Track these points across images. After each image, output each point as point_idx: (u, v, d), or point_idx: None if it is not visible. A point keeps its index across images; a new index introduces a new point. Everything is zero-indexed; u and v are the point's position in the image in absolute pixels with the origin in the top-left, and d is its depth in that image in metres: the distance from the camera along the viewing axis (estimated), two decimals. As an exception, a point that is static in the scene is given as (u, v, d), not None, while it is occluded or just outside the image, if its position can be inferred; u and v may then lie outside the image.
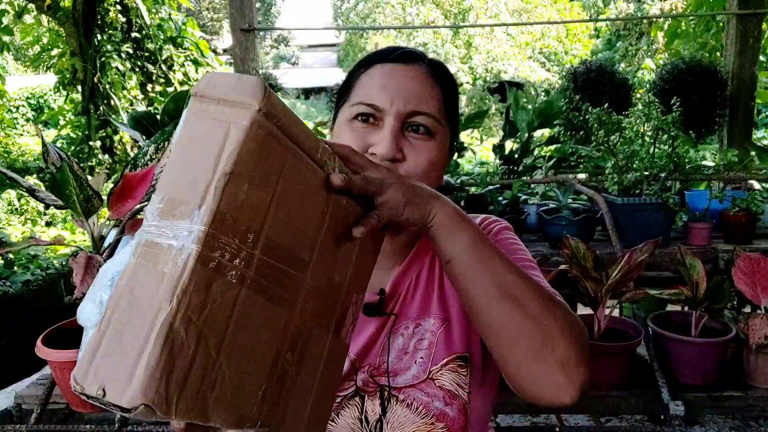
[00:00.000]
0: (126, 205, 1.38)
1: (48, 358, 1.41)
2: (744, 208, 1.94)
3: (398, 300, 0.85)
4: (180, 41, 6.91)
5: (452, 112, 0.82)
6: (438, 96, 0.78)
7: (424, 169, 0.76)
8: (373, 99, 0.76)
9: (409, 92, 0.76)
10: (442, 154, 0.79)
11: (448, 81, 0.82)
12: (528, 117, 2.95)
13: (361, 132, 0.76)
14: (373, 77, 0.78)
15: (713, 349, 1.44)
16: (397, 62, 0.78)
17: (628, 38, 13.20)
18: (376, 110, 0.76)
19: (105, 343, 0.39)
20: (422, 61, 0.80)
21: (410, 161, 0.76)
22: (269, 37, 18.87)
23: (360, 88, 0.79)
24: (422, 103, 0.76)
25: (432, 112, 0.77)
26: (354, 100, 0.78)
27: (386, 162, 0.74)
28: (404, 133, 0.77)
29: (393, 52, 0.80)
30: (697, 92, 4.05)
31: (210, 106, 0.45)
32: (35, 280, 3.66)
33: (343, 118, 0.79)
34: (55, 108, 9.59)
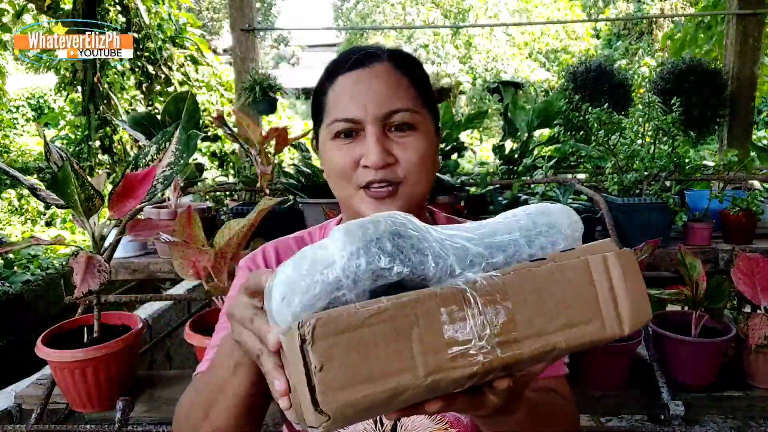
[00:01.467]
0: (127, 205, 1.38)
1: (48, 358, 1.41)
2: (744, 208, 1.94)
3: None
4: (180, 41, 6.91)
5: (426, 95, 0.82)
6: (407, 86, 0.78)
7: (418, 163, 0.77)
8: (347, 113, 0.76)
9: (379, 94, 0.76)
10: (430, 141, 0.80)
11: (414, 67, 0.82)
12: (527, 117, 2.95)
13: (346, 148, 0.77)
14: (339, 91, 0.78)
15: (713, 349, 1.44)
16: (357, 68, 0.78)
17: (627, 38, 13.21)
18: (353, 123, 0.76)
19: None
20: (381, 58, 0.79)
21: (402, 161, 0.76)
22: (269, 37, 18.87)
23: (331, 105, 0.79)
24: (395, 101, 0.76)
25: (407, 106, 0.76)
26: (329, 118, 0.78)
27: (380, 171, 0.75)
28: (388, 135, 0.77)
29: (352, 59, 0.78)
30: (697, 92, 4.05)
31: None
32: (35, 279, 3.66)
33: (325, 138, 0.79)
34: (55, 108, 9.58)
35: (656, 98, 1.93)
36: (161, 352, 2.95)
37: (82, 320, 1.58)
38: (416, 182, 0.78)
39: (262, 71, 3.75)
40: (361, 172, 0.76)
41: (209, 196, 2.72)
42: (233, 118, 2.27)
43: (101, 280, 1.28)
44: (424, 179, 0.79)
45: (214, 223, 2.22)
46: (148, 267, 1.99)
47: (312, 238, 0.92)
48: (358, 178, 0.77)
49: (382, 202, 0.77)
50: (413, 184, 0.78)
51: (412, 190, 0.78)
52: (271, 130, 2.08)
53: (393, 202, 0.77)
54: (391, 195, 0.77)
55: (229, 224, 1.39)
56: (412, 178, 0.77)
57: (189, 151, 1.61)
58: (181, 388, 0.83)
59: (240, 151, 3.84)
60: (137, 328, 1.52)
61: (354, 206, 0.79)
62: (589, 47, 13.28)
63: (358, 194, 0.78)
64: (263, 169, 2.09)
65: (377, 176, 0.75)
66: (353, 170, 0.77)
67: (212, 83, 7.24)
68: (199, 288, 3.17)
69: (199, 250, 1.37)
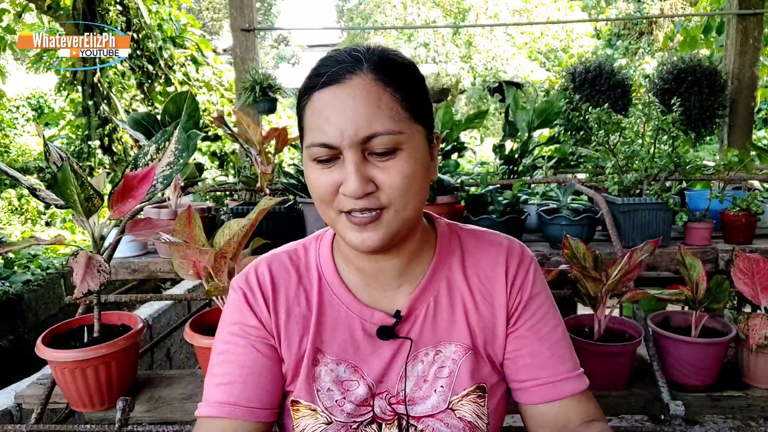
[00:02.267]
0: (126, 205, 1.38)
1: (48, 357, 1.41)
2: (744, 208, 1.94)
3: (414, 323, 0.82)
4: (180, 41, 6.91)
5: (415, 106, 0.73)
6: (390, 102, 0.70)
7: (402, 187, 0.71)
8: (324, 138, 0.69)
9: (356, 116, 0.68)
10: (418, 158, 0.72)
11: (400, 76, 0.72)
12: (528, 117, 2.95)
13: (326, 173, 0.72)
14: (314, 111, 0.71)
15: (713, 349, 1.44)
16: (333, 83, 0.70)
17: (628, 37, 13.21)
18: (330, 148, 0.70)
19: None
20: (360, 70, 0.70)
21: (385, 187, 0.70)
22: (269, 37, 18.88)
23: (307, 125, 0.73)
24: (374, 123, 0.68)
25: (388, 129, 0.69)
26: (307, 141, 0.72)
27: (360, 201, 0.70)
28: (368, 158, 0.70)
29: (327, 74, 0.70)
30: (697, 92, 4.06)
31: None
32: (35, 279, 3.66)
33: (306, 158, 0.74)
34: (56, 108, 9.59)
35: (655, 99, 1.93)
36: (161, 352, 2.96)
37: (82, 320, 1.58)
38: (402, 207, 0.72)
39: (262, 71, 3.75)
40: (342, 199, 0.72)
41: (209, 196, 2.72)
42: (233, 118, 2.27)
43: (101, 280, 1.28)
44: (411, 202, 0.73)
45: (214, 223, 2.22)
46: (148, 267, 1.99)
47: (307, 251, 0.88)
48: (339, 203, 0.72)
49: (365, 228, 0.72)
50: (400, 210, 0.72)
51: (398, 215, 0.73)
52: (271, 130, 2.08)
53: (376, 228, 0.72)
54: (374, 220, 0.72)
55: (229, 224, 1.39)
56: (398, 204, 0.72)
57: (189, 151, 1.61)
58: (182, 388, 0.83)
59: (240, 151, 3.84)
60: (137, 328, 1.52)
61: (338, 229, 0.76)
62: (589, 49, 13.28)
63: (340, 219, 0.74)
64: (263, 169, 2.09)
65: (357, 205, 0.71)
66: (334, 196, 0.72)
67: (212, 83, 7.24)
68: (200, 288, 3.17)
69: (200, 250, 1.37)
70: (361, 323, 0.82)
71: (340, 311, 0.82)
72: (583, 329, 1.56)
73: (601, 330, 1.50)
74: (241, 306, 0.82)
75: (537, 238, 2.19)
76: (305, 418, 0.81)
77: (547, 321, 0.85)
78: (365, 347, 0.81)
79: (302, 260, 0.87)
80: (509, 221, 1.93)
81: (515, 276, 0.84)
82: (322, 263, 0.85)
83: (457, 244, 0.87)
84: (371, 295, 0.83)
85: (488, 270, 0.84)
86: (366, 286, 0.83)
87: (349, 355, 0.81)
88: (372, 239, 0.72)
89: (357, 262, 0.82)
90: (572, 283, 1.51)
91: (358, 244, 0.73)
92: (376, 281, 0.83)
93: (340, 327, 0.82)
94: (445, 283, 0.83)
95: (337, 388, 0.80)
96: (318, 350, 0.81)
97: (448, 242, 0.86)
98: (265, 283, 0.83)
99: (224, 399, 0.78)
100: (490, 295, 0.83)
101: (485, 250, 0.86)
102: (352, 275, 0.84)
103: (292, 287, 0.83)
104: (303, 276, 0.85)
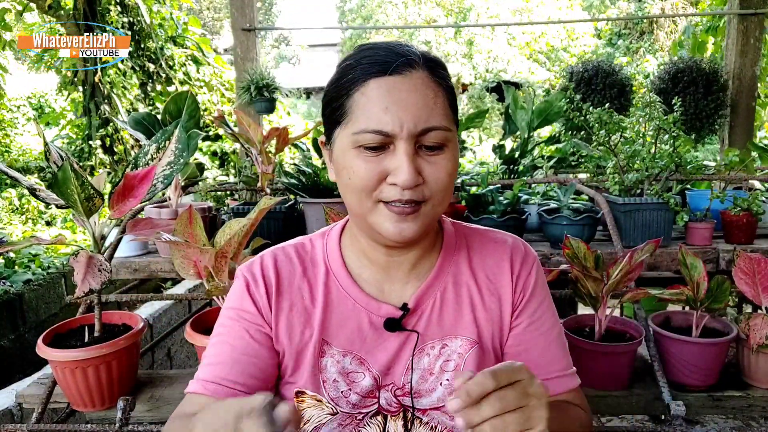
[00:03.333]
0: (127, 205, 1.38)
1: (49, 357, 1.41)
2: (745, 208, 1.94)
3: (421, 316, 0.83)
4: (181, 40, 6.91)
5: (456, 107, 0.78)
6: (442, 102, 0.74)
7: (446, 183, 0.74)
8: (381, 125, 0.70)
9: (416, 109, 0.70)
10: (457, 159, 0.77)
11: (447, 77, 0.77)
12: (528, 117, 2.95)
13: (374, 161, 0.72)
14: (371, 98, 0.71)
15: (714, 349, 1.44)
16: (394, 73, 0.71)
17: (629, 37, 13.20)
18: (385, 136, 0.70)
19: None
20: (418, 65, 0.73)
21: (431, 181, 0.73)
22: (270, 37, 18.87)
23: (359, 111, 0.72)
24: (431, 118, 0.71)
25: (442, 125, 0.72)
26: (356, 126, 0.72)
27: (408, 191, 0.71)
28: (418, 152, 0.72)
29: (388, 64, 0.72)
30: (697, 92, 4.05)
31: None
32: (36, 279, 3.66)
33: (346, 144, 0.73)
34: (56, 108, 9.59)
35: (656, 99, 1.93)
36: (162, 352, 2.96)
37: (83, 320, 1.58)
38: (440, 202, 0.76)
39: (260, 71, 3.75)
40: (387, 188, 0.72)
41: (210, 196, 2.72)
42: (234, 118, 2.27)
43: (102, 280, 1.28)
44: (446, 198, 0.77)
45: (215, 222, 2.22)
46: (149, 266, 1.99)
47: (314, 245, 0.89)
48: (381, 192, 0.73)
49: (404, 219, 0.73)
50: (437, 204, 0.75)
51: (434, 209, 0.76)
52: (271, 129, 2.08)
53: (415, 220, 0.74)
54: (413, 212, 0.73)
55: (229, 224, 1.39)
56: (437, 198, 0.74)
57: (189, 151, 1.61)
58: (182, 388, 0.83)
59: (241, 151, 3.85)
60: (138, 328, 1.52)
61: (371, 219, 0.75)
62: (590, 48, 13.28)
63: (377, 208, 0.74)
64: (264, 169, 2.09)
65: (404, 196, 0.71)
66: (378, 184, 0.72)
67: (213, 83, 7.24)
68: (200, 287, 3.17)
69: (200, 250, 1.37)
70: (368, 316, 0.83)
71: (347, 304, 0.83)
72: (584, 329, 1.56)
73: (601, 330, 1.50)
74: (242, 293, 0.84)
75: (538, 238, 2.19)
76: (311, 409, 0.82)
77: (545, 320, 0.87)
78: (372, 339, 0.82)
79: (309, 254, 0.88)
80: (510, 221, 1.93)
81: (520, 271, 0.86)
82: (330, 257, 0.86)
83: (463, 241, 0.89)
84: (379, 289, 0.84)
85: (494, 266, 0.86)
86: (375, 280, 0.85)
87: (355, 346, 0.82)
88: (410, 230, 0.74)
89: (372, 255, 0.83)
90: (573, 283, 1.51)
91: (395, 234, 0.74)
92: (387, 275, 0.84)
93: (347, 319, 0.83)
94: (451, 278, 0.85)
95: (342, 380, 0.82)
96: (324, 342, 0.82)
97: (454, 239, 0.88)
98: (268, 273, 0.84)
99: (210, 377, 0.79)
100: (496, 289, 0.85)
101: (491, 247, 0.88)
102: (361, 269, 0.85)
103: (296, 279, 0.85)
104: (308, 269, 0.86)
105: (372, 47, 0.75)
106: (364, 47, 0.76)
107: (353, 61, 0.74)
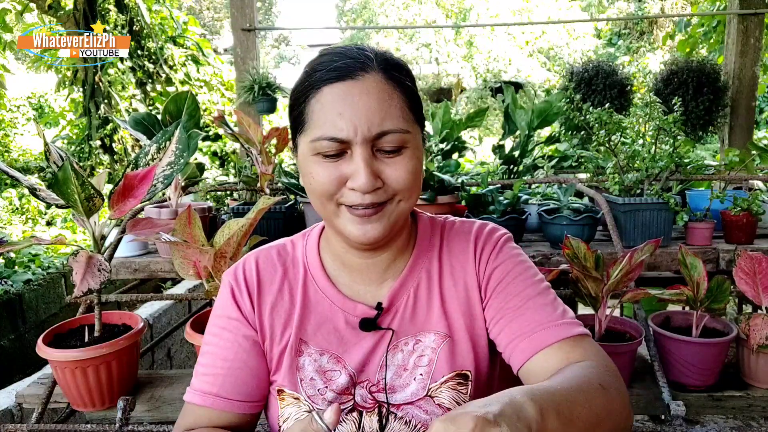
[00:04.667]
0: (127, 205, 1.38)
1: (49, 357, 1.41)
2: (745, 208, 1.94)
3: (395, 314, 0.84)
4: (181, 40, 6.91)
5: (415, 108, 0.76)
6: (399, 102, 0.72)
7: (408, 182, 0.74)
8: (335, 132, 0.70)
9: (370, 112, 0.70)
10: (419, 156, 0.76)
11: (404, 77, 0.75)
12: (528, 117, 2.95)
13: (331, 167, 0.72)
14: (325, 104, 0.71)
15: (714, 349, 1.44)
16: (346, 78, 0.70)
17: (629, 37, 13.21)
18: (341, 143, 0.70)
19: None
20: (372, 68, 0.72)
21: (391, 181, 0.73)
22: (270, 37, 18.87)
23: (315, 118, 0.72)
24: (386, 121, 0.70)
25: (398, 127, 0.71)
26: (313, 134, 0.72)
27: (367, 195, 0.72)
28: (376, 155, 0.72)
29: (341, 69, 0.71)
30: (697, 92, 4.05)
31: None
32: (36, 279, 3.66)
33: (306, 151, 0.74)
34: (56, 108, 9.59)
35: (656, 99, 1.93)
36: (162, 352, 2.96)
37: (83, 320, 1.58)
38: (405, 199, 0.75)
39: (262, 71, 3.75)
40: (347, 193, 0.73)
41: (210, 196, 2.72)
42: (234, 118, 2.27)
43: (102, 280, 1.28)
44: (413, 195, 0.76)
45: (215, 222, 2.22)
46: (149, 266, 1.99)
47: (294, 246, 0.90)
48: (342, 196, 0.73)
49: (368, 221, 0.74)
50: (401, 201, 0.75)
51: (400, 207, 0.76)
52: (272, 129, 2.09)
53: (380, 220, 0.74)
54: (376, 213, 0.74)
55: (228, 224, 1.39)
56: (401, 196, 0.75)
57: (189, 151, 1.61)
58: (182, 388, 0.84)
59: (241, 151, 3.85)
60: (138, 328, 1.52)
61: (337, 224, 0.76)
62: (590, 48, 13.28)
63: (341, 212, 0.75)
64: (264, 169, 2.09)
65: (364, 200, 0.72)
66: (338, 189, 0.73)
67: (213, 83, 7.24)
68: (200, 287, 3.16)
69: (200, 250, 1.37)
70: (344, 316, 0.84)
71: (324, 304, 0.85)
72: (584, 329, 1.56)
73: (601, 330, 1.50)
74: (227, 299, 0.86)
75: (538, 238, 2.19)
76: (289, 407, 0.83)
77: (519, 282, 0.82)
78: (348, 338, 0.83)
79: (289, 255, 0.89)
80: (510, 221, 1.93)
81: (482, 251, 0.86)
82: (309, 258, 0.88)
83: (437, 237, 0.89)
84: (355, 290, 0.85)
85: (460, 254, 0.87)
86: (351, 281, 0.86)
87: (332, 346, 0.83)
88: (375, 230, 0.74)
89: (346, 258, 0.84)
90: (573, 283, 1.51)
91: (359, 236, 0.75)
92: (362, 277, 0.85)
93: (324, 319, 0.84)
94: (425, 274, 0.85)
95: (319, 378, 0.83)
96: (302, 341, 0.83)
97: (429, 237, 0.88)
98: (251, 277, 0.86)
99: (207, 389, 0.81)
100: (462, 277, 0.85)
101: (459, 238, 0.88)
102: (337, 271, 0.86)
103: (276, 281, 0.86)
104: (289, 270, 0.88)
105: (329, 53, 0.75)
106: (323, 53, 0.76)
107: (310, 69, 0.74)
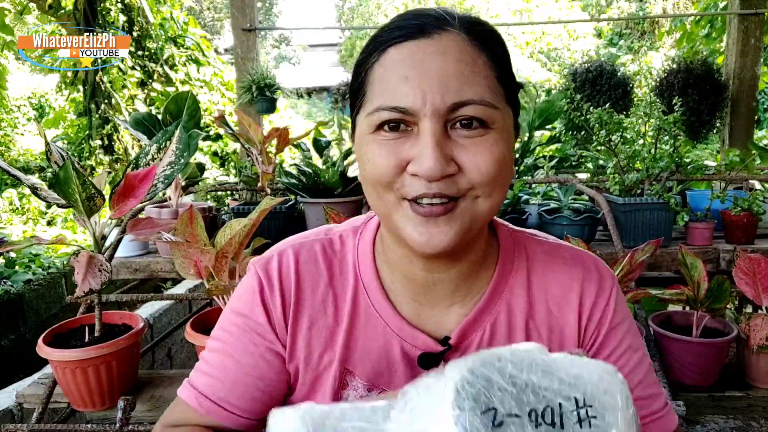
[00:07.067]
0: (127, 204, 1.38)
1: (49, 357, 1.41)
2: (745, 208, 1.94)
3: (465, 353, 0.67)
4: (181, 41, 6.92)
5: (507, 82, 0.59)
6: (485, 69, 0.56)
7: (490, 173, 0.56)
8: (398, 100, 0.55)
9: (445, 77, 0.54)
10: (508, 144, 0.58)
11: (494, 41, 0.59)
12: (529, 117, 2.95)
13: (391, 146, 0.56)
14: (390, 68, 0.56)
15: (714, 349, 1.44)
16: (417, 37, 0.56)
17: (630, 36, 13.22)
18: (404, 114, 0.55)
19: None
20: (451, 25, 0.56)
21: (470, 169, 0.56)
22: (270, 37, 18.88)
23: (376, 85, 0.57)
24: (465, 88, 0.54)
25: (482, 97, 0.55)
26: (372, 105, 0.57)
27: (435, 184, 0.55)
28: (450, 134, 0.56)
29: (413, 26, 0.56)
30: (698, 92, 4.05)
31: None
32: (37, 279, 3.66)
33: (364, 129, 0.59)
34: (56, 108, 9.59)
35: (656, 99, 1.93)
36: (162, 352, 2.96)
37: (84, 319, 1.58)
38: (485, 195, 0.57)
39: (261, 70, 3.76)
40: (409, 181, 0.56)
41: (210, 196, 2.72)
42: (234, 118, 2.28)
43: (102, 279, 1.28)
44: (497, 192, 0.58)
45: (215, 222, 2.22)
46: (150, 266, 1.99)
47: (344, 244, 0.72)
48: (403, 187, 0.57)
49: (433, 222, 0.57)
50: (481, 199, 0.58)
51: (477, 205, 0.58)
52: (272, 129, 2.09)
53: (449, 222, 0.57)
54: (447, 212, 0.57)
55: (230, 224, 1.39)
56: (481, 191, 0.57)
57: (189, 151, 1.61)
58: (182, 388, 0.83)
59: (241, 151, 3.85)
60: (138, 328, 1.52)
61: (394, 222, 0.59)
62: (591, 48, 13.29)
63: (400, 208, 0.58)
64: (264, 169, 2.09)
65: (431, 190, 0.55)
66: (397, 176, 0.57)
67: (213, 83, 7.25)
68: (201, 287, 3.17)
69: (201, 250, 1.38)
70: (400, 344, 0.67)
71: (377, 327, 0.67)
72: (584, 329, 1.56)
73: (602, 330, 1.50)
74: (253, 296, 0.68)
75: (538, 238, 2.18)
76: None
77: (631, 355, 0.69)
78: (401, 373, 0.67)
79: (337, 256, 0.70)
80: (510, 221, 1.93)
81: (593, 306, 0.69)
82: (361, 264, 0.69)
83: (523, 258, 0.71)
84: (416, 312, 0.68)
85: (559, 296, 0.69)
86: (412, 300, 0.68)
87: (383, 380, 0.67)
88: (443, 236, 0.57)
89: (405, 269, 0.66)
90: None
91: (421, 243, 0.57)
92: (425, 296, 0.68)
93: (374, 346, 0.67)
94: (505, 307, 0.68)
95: None
96: (347, 371, 0.67)
97: (512, 256, 0.70)
98: (288, 276, 0.68)
99: (208, 392, 0.68)
100: (558, 326, 0.68)
101: (557, 270, 0.70)
102: (395, 284, 0.68)
103: (320, 289, 0.68)
104: (335, 276, 0.69)
105: (403, 14, 0.60)
106: (397, 16, 0.61)
107: (378, 32, 0.60)
